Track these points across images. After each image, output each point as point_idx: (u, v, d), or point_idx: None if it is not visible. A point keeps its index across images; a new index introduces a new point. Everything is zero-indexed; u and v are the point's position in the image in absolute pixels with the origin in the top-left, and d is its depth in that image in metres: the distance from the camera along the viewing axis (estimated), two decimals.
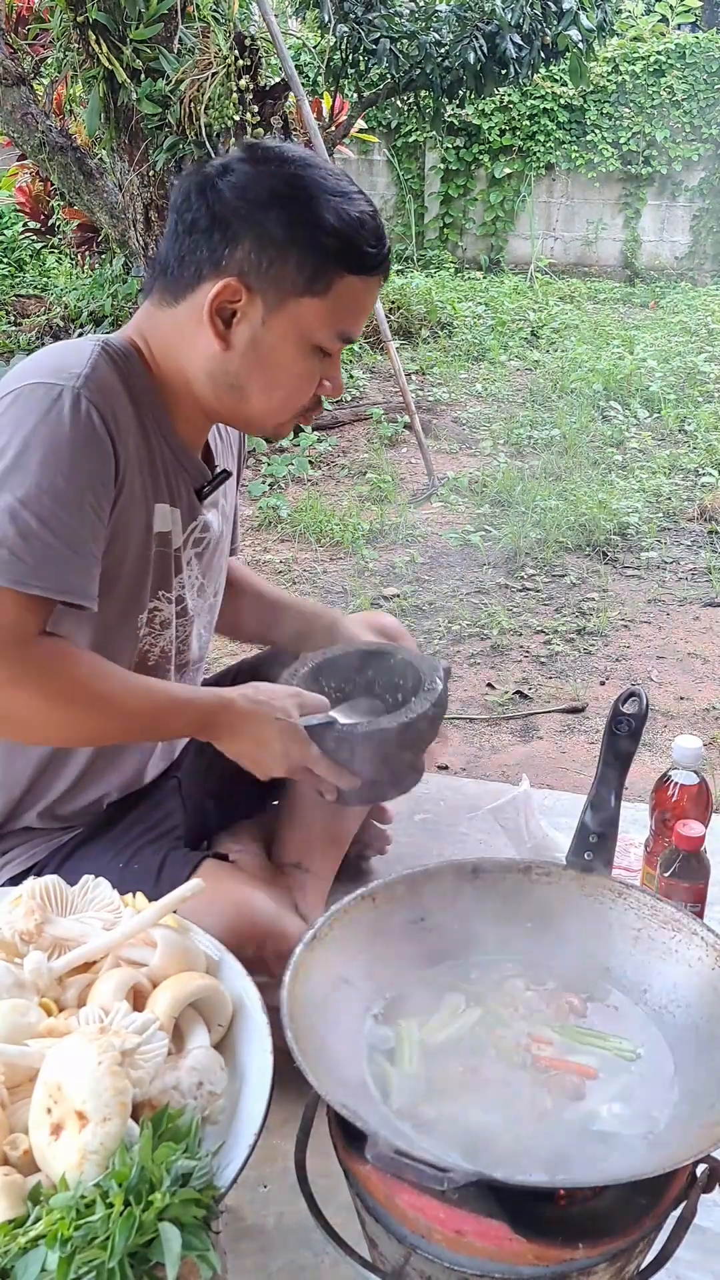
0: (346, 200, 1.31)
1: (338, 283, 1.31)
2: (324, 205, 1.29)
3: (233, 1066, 1.02)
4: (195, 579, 1.52)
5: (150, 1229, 0.82)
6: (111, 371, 1.31)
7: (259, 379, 1.35)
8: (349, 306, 1.34)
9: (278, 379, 1.35)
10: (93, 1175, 0.85)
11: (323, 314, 1.32)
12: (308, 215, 1.28)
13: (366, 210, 1.33)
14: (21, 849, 1.49)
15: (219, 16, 4.71)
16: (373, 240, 1.32)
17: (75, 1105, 0.88)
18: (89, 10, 4.47)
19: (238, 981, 1.10)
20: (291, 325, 1.32)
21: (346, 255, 1.30)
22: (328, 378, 1.38)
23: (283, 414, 1.39)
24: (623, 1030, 1.13)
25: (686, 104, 9.56)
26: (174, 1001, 1.02)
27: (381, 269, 1.36)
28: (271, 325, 1.31)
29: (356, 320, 1.36)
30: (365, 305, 1.36)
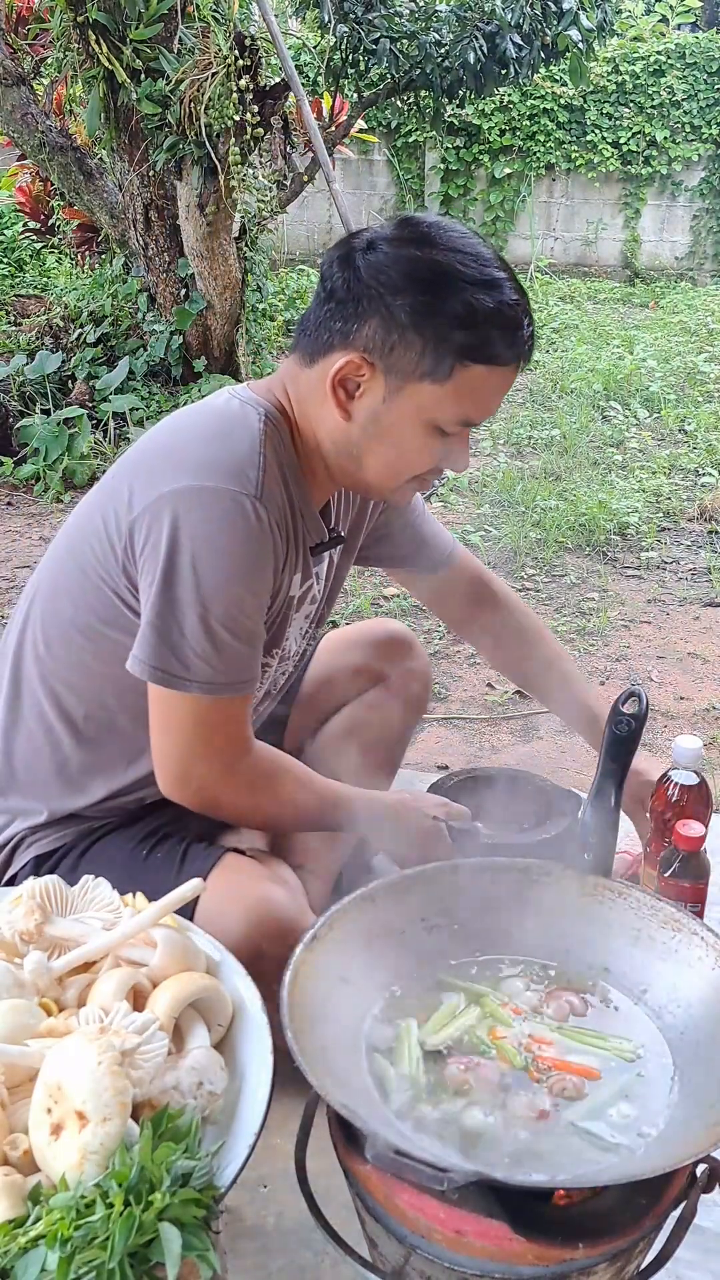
0: (485, 289, 1.27)
1: (460, 372, 1.29)
2: (455, 294, 1.26)
3: (233, 1066, 1.03)
4: (304, 627, 1.57)
5: (150, 1229, 0.82)
6: (275, 460, 1.35)
7: (377, 452, 1.36)
8: (473, 396, 1.31)
9: (394, 455, 1.36)
10: (93, 1175, 0.85)
11: (443, 400, 1.30)
12: (435, 303, 1.27)
13: (507, 300, 1.29)
14: (54, 830, 1.50)
15: (219, 16, 4.71)
16: (506, 334, 1.29)
17: (75, 1105, 0.88)
18: (89, 10, 4.47)
19: (238, 981, 1.10)
20: (412, 407, 1.31)
21: (472, 348, 1.28)
22: (452, 456, 1.37)
23: (397, 483, 1.40)
24: (623, 1030, 1.13)
25: (686, 104, 9.56)
26: (174, 1001, 1.02)
27: (516, 361, 1.32)
28: (392, 404, 1.32)
29: (481, 408, 1.34)
30: (492, 394, 1.33)
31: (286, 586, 1.45)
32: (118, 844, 1.48)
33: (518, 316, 1.29)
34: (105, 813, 1.52)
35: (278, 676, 1.58)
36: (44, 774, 1.49)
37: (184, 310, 5.15)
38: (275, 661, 1.53)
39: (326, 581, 1.59)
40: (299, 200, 6.55)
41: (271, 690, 1.60)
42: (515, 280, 1.32)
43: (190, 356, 5.29)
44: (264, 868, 1.50)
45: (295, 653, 1.60)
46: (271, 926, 1.34)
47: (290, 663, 1.60)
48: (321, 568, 1.56)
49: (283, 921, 1.36)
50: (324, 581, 1.58)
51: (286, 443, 1.39)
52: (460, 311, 1.26)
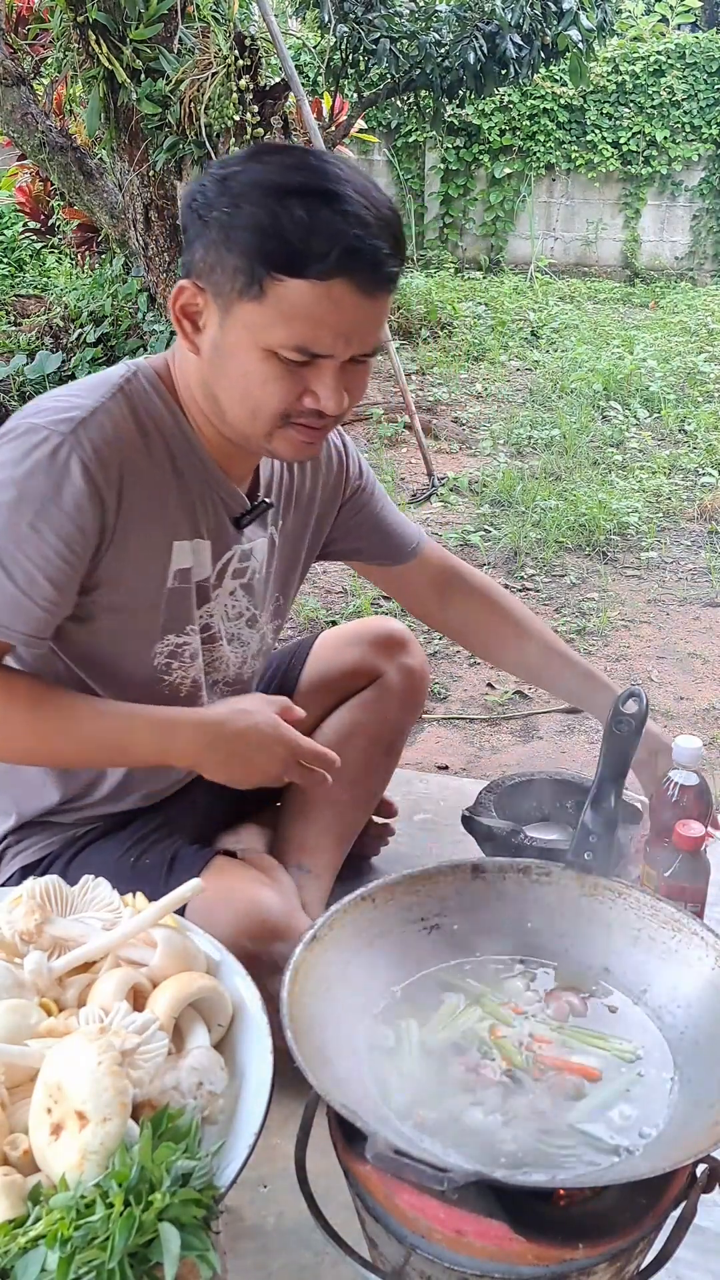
0: (303, 198, 1.17)
1: (274, 287, 1.18)
2: (263, 203, 1.17)
3: (233, 1066, 1.02)
4: (235, 606, 1.50)
5: (150, 1229, 0.82)
6: (124, 412, 1.29)
7: (226, 388, 1.28)
8: (298, 316, 1.19)
9: (240, 386, 1.26)
10: (93, 1175, 0.85)
11: (267, 321, 1.20)
12: (243, 214, 1.18)
13: (329, 209, 1.17)
14: (37, 838, 1.50)
15: (219, 16, 4.71)
16: (318, 242, 1.16)
17: (75, 1105, 0.88)
18: (89, 10, 4.47)
19: (238, 981, 1.10)
20: (241, 331, 1.22)
21: (275, 257, 1.17)
22: (313, 389, 1.25)
23: (260, 425, 1.28)
24: (623, 1030, 1.13)
25: (686, 104, 9.57)
26: (174, 1001, 1.02)
27: (343, 276, 1.18)
28: (226, 330, 1.24)
29: (316, 334, 1.20)
30: (326, 316, 1.19)
31: (164, 553, 1.37)
32: (104, 852, 1.47)
33: (336, 224, 1.16)
34: (83, 821, 1.51)
35: (220, 663, 1.52)
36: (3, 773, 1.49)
37: None
38: (193, 640, 1.45)
39: (269, 562, 1.52)
40: None
41: (223, 680, 1.54)
42: (365, 195, 1.20)
43: None
44: (253, 870, 1.50)
45: (231, 635, 1.51)
46: (261, 928, 1.34)
47: (233, 647, 1.53)
48: (256, 545, 1.48)
49: (272, 923, 1.36)
50: (265, 562, 1.51)
51: (160, 398, 1.34)
52: (264, 220, 1.17)
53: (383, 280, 1.22)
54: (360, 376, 1.30)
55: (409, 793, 2.19)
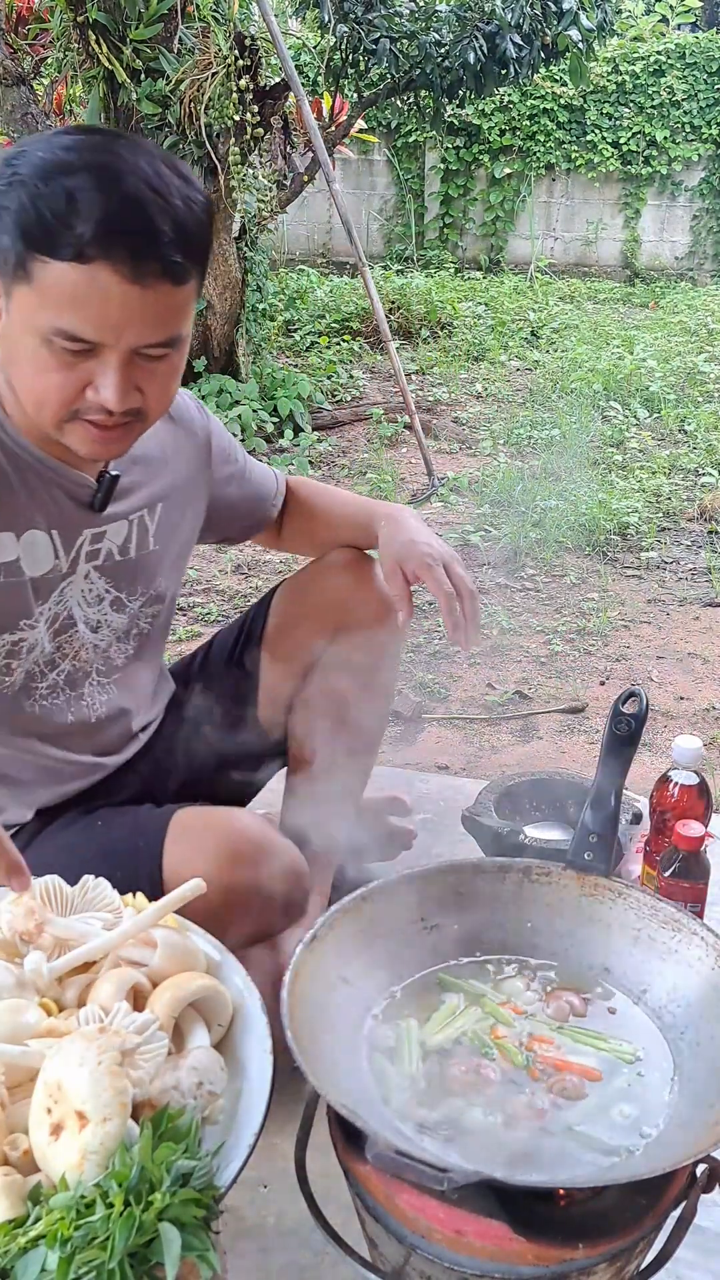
0: (73, 177, 1.12)
1: (38, 269, 1.13)
2: (30, 183, 1.12)
3: (233, 1066, 1.02)
4: (92, 590, 1.45)
5: (150, 1229, 0.82)
6: None
7: (15, 376, 1.24)
8: (58, 298, 1.14)
9: (24, 373, 1.21)
10: (93, 1175, 0.85)
11: (36, 304, 1.15)
12: (9, 194, 1.13)
13: (97, 189, 1.11)
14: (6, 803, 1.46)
15: (219, 16, 4.71)
16: (76, 221, 1.11)
17: (75, 1105, 0.88)
18: (89, 10, 4.47)
19: (238, 981, 1.10)
20: (18, 316, 1.17)
21: (32, 235, 1.12)
22: (95, 382, 1.19)
23: (46, 416, 1.23)
24: (623, 1030, 1.13)
25: (686, 104, 9.57)
26: (174, 1001, 1.02)
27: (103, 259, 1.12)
28: (10, 315, 1.19)
29: (81, 320, 1.14)
30: (89, 302, 1.13)
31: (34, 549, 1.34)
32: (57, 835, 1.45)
33: (99, 204, 1.11)
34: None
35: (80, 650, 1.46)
36: None
37: None
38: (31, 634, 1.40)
39: (134, 543, 1.47)
40: (299, 200, 6.55)
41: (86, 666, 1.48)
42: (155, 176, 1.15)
43: (190, 356, 5.29)
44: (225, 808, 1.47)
45: (94, 621, 1.46)
46: (241, 849, 1.32)
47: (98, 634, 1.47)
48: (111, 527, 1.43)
49: (251, 841, 1.34)
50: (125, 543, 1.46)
51: None
52: (27, 199, 1.12)
53: (154, 268, 1.14)
54: (159, 374, 1.23)
55: (409, 793, 2.19)
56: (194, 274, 1.22)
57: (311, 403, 5.64)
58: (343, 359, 6.57)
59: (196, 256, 1.21)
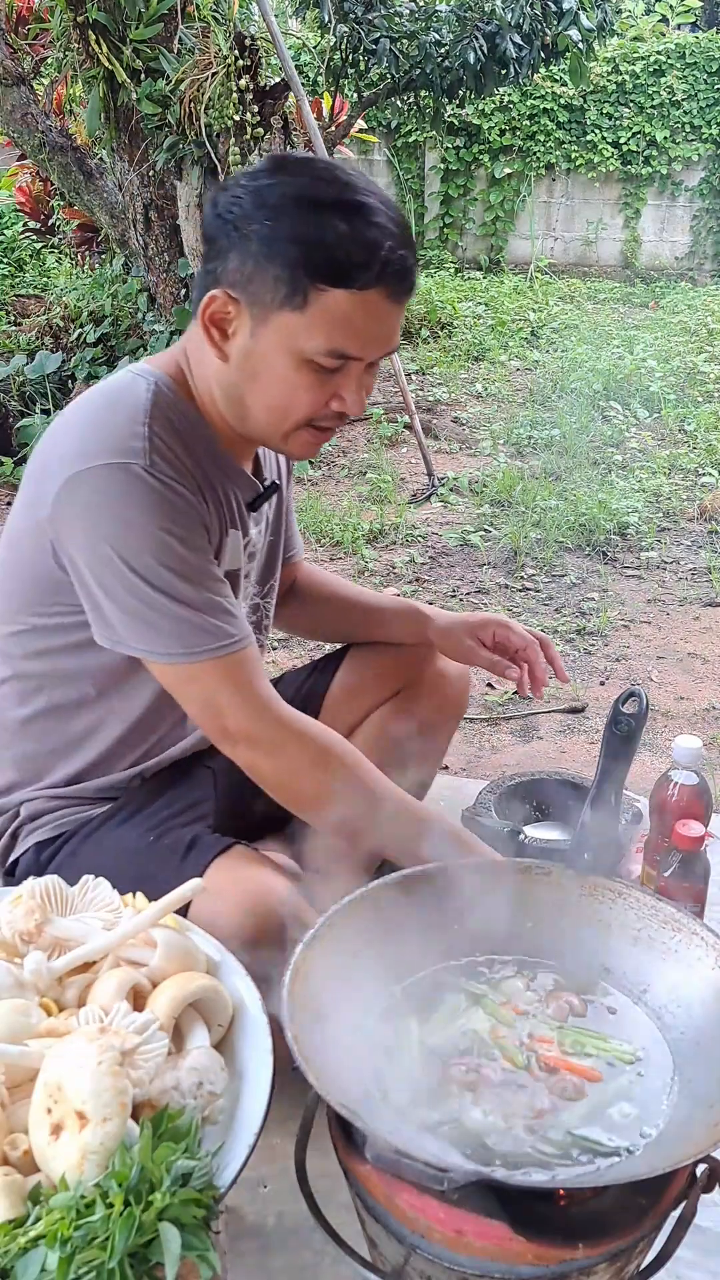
0: (338, 211, 1.25)
1: (317, 297, 1.26)
2: (304, 216, 1.25)
3: (233, 1066, 1.02)
4: (247, 589, 1.57)
5: (150, 1229, 0.82)
6: (168, 425, 1.33)
7: (256, 393, 1.34)
8: (337, 323, 1.27)
9: (272, 394, 1.33)
10: (93, 1175, 0.86)
11: (306, 329, 1.27)
12: (284, 226, 1.25)
13: (364, 220, 1.25)
14: (49, 817, 1.50)
15: (219, 16, 4.71)
16: (361, 254, 1.24)
17: (75, 1105, 0.88)
18: (89, 10, 4.47)
19: (238, 981, 1.10)
20: (278, 339, 1.29)
21: (322, 269, 1.25)
22: (340, 394, 1.33)
23: (284, 426, 1.36)
24: (623, 1030, 1.13)
25: (686, 104, 9.57)
26: (174, 1001, 1.02)
27: (379, 286, 1.26)
28: (260, 338, 1.30)
29: (352, 339, 1.28)
30: (363, 322, 1.28)
31: (230, 550, 1.45)
32: (122, 830, 1.47)
33: (374, 238, 1.25)
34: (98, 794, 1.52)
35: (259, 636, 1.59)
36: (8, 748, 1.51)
37: (184, 310, 5.15)
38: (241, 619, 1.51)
39: (265, 536, 1.59)
40: None
41: None
42: (388, 207, 1.29)
43: None
44: (268, 861, 1.49)
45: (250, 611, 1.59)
46: (265, 916, 1.32)
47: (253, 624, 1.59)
48: (261, 526, 1.56)
49: (277, 912, 1.34)
50: (263, 535, 1.59)
51: (184, 405, 1.38)
52: (309, 233, 1.24)
53: (411, 288, 1.31)
54: (372, 378, 1.37)
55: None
56: None
57: None
58: None
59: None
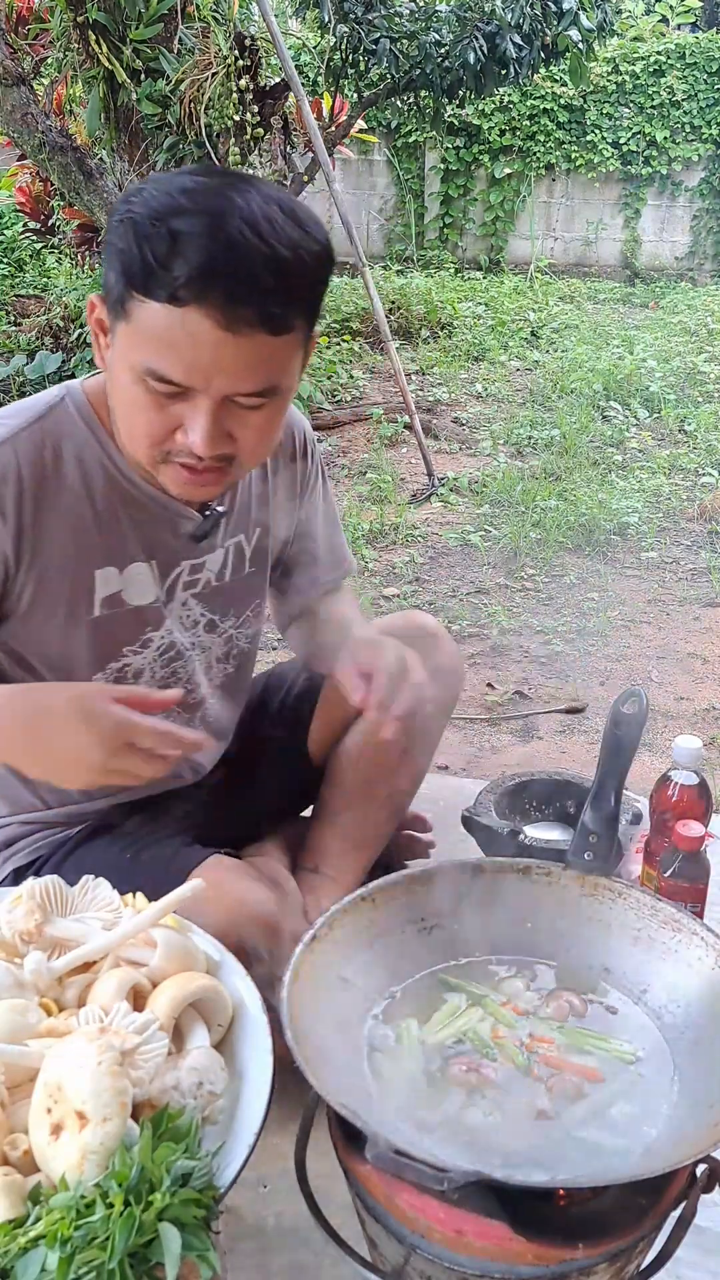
0: (181, 217, 1.10)
1: (136, 308, 1.14)
2: (146, 220, 1.12)
3: (233, 1066, 1.02)
4: (189, 615, 1.48)
5: (150, 1229, 0.82)
6: (35, 443, 1.28)
7: (115, 407, 1.26)
8: (151, 340, 1.13)
9: (121, 407, 1.23)
10: (93, 1175, 0.86)
11: (130, 342, 1.16)
12: (125, 229, 1.14)
13: (200, 232, 1.09)
14: (24, 843, 1.50)
15: (219, 16, 4.71)
16: (170, 263, 1.09)
17: (75, 1105, 0.88)
18: (89, 10, 4.47)
19: (238, 981, 1.10)
20: (120, 350, 1.19)
21: (134, 275, 1.12)
22: (185, 425, 1.18)
23: (140, 453, 1.24)
24: (623, 1030, 1.13)
25: (686, 104, 9.56)
26: (174, 1001, 1.02)
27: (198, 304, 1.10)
28: (114, 348, 1.20)
29: (167, 360, 1.13)
30: (181, 345, 1.12)
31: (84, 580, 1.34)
32: (100, 849, 1.46)
33: (197, 247, 1.09)
34: (72, 819, 1.51)
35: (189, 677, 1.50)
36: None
37: None
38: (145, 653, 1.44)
39: (229, 570, 1.49)
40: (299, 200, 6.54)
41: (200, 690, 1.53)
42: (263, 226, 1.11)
43: None
44: (249, 869, 1.49)
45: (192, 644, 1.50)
46: (248, 923, 1.32)
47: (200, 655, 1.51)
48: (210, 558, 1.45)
49: (260, 919, 1.34)
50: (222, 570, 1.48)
51: (87, 425, 1.31)
52: (133, 238, 1.12)
53: (248, 315, 1.12)
54: (254, 422, 1.21)
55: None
56: (297, 325, 1.18)
57: (311, 403, 5.64)
58: (343, 359, 6.57)
59: (301, 307, 1.18)
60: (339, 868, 1.65)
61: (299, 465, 1.56)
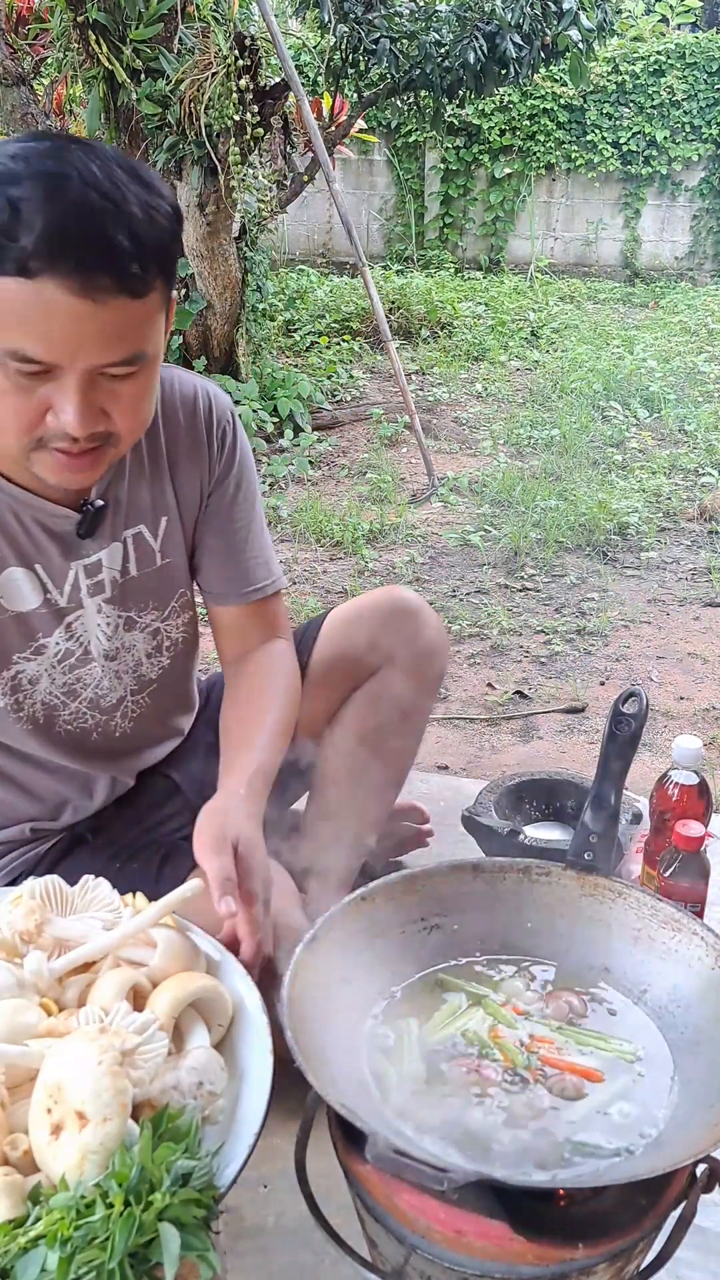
0: (16, 185, 1.04)
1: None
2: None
3: (233, 1066, 1.03)
4: (108, 622, 1.43)
5: (150, 1229, 0.82)
6: None
7: None
8: (6, 316, 1.06)
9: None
10: (93, 1175, 0.85)
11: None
12: None
13: (41, 196, 1.03)
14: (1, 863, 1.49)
15: (219, 16, 4.71)
16: (14, 231, 1.03)
17: (75, 1105, 0.88)
18: (89, 10, 4.47)
19: (238, 981, 1.10)
20: None
21: None
22: (54, 406, 1.11)
23: (8, 442, 1.16)
24: (623, 1030, 1.13)
25: (686, 104, 9.57)
26: (174, 1002, 1.02)
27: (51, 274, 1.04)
28: None
29: (26, 336, 1.06)
30: (37, 318, 1.05)
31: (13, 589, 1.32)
32: (83, 860, 1.46)
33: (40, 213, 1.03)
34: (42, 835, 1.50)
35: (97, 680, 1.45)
36: None
37: (184, 310, 5.15)
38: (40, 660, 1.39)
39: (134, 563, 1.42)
40: (299, 200, 6.55)
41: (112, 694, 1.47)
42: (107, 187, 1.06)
43: (190, 356, 5.29)
44: None
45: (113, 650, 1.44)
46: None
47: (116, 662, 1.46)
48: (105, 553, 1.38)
49: None
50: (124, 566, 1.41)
51: None
52: None
53: (105, 281, 1.06)
54: (126, 395, 1.15)
55: (409, 793, 2.18)
56: (157, 286, 1.13)
57: (311, 403, 5.64)
58: (343, 359, 6.57)
59: (159, 267, 1.12)
60: (335, 864, 1.64)
61: (207, 449, 1.45)
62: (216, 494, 1.48)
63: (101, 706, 1.47)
